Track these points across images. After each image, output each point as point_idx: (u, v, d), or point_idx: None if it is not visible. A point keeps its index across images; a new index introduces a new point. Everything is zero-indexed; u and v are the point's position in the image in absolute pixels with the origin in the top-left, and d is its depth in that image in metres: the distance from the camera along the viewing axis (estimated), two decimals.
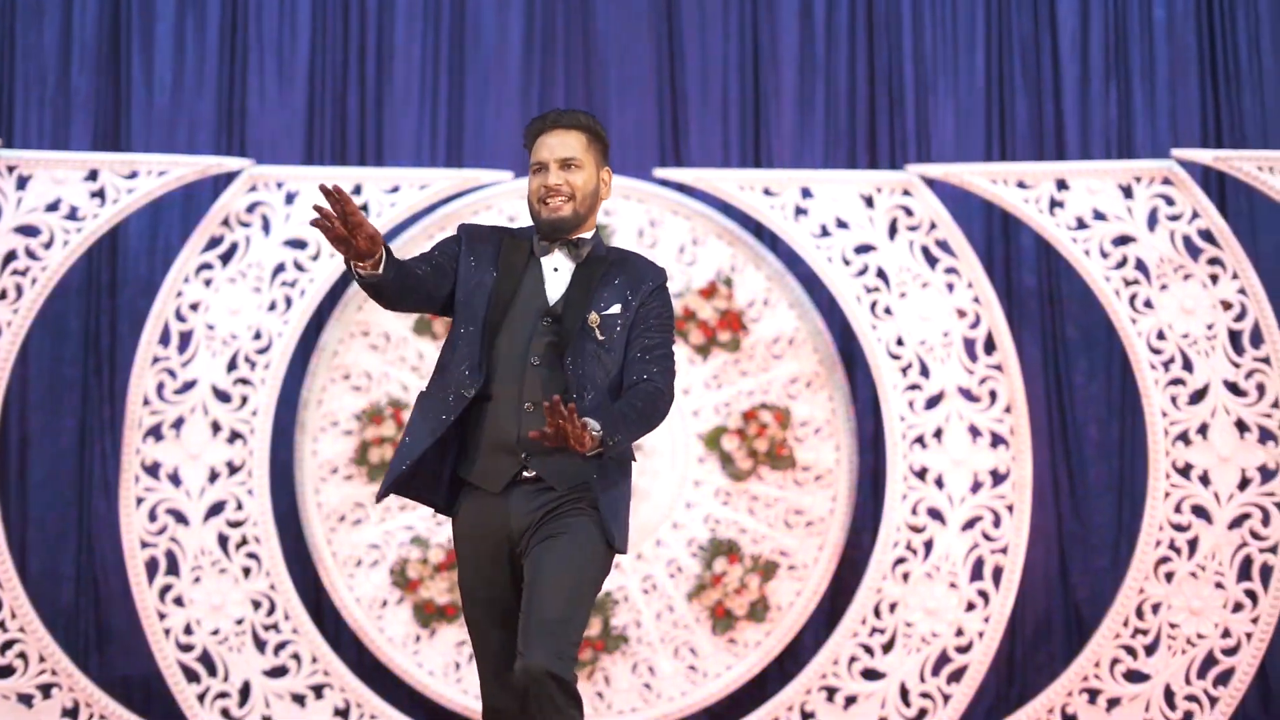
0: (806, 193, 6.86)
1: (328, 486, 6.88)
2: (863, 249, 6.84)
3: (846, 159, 7.34)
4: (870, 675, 6.77)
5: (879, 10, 7.39)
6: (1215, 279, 6.67)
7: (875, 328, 6.79)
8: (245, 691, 6.69)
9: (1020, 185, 6.77)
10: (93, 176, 6.68)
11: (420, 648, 6.85)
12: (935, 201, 6.82)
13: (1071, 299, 7.20)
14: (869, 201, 6.85)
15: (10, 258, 6.62)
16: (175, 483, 6.70)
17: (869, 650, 6.76)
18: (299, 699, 6.71)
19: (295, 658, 6.72)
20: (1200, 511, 6.65)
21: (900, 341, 6.80)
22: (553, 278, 4.00)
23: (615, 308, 3.97)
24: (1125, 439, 7.21)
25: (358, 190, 6.79)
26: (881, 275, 6.82)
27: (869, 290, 6.81)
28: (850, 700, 6.74)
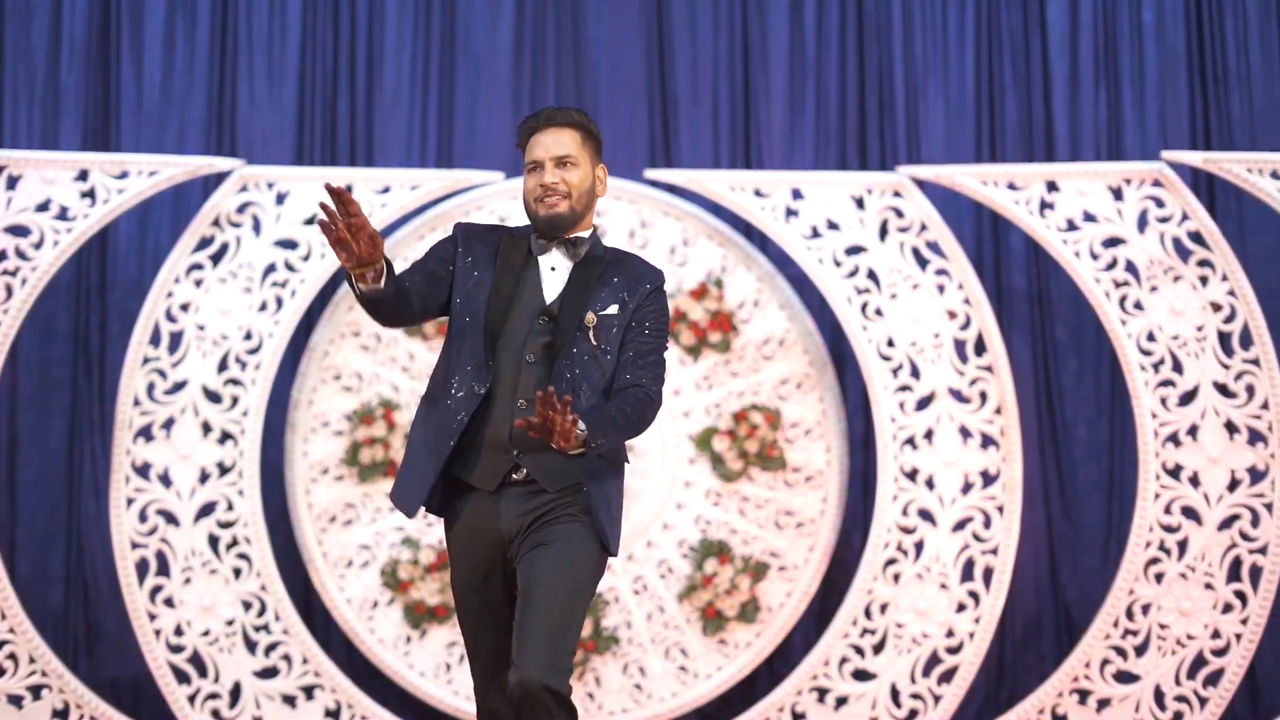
0: (797, 194, 6.86)
1: (318, 487, 6.87)
2: (853, 250, 6.84)
3: (837, 160, 7.35)
4: (861, 676, 6.77)
5: (869, 12, 7.40)
6: (1205, 280, 6.69)
7: (866, 329, 6.79)
8: (236, 692, 6.68)
9: (1011, 187, 6.78)
10: (83, 176, 6.66)
11: (411, 649, 6.84)
12: (925, 203, 6.83)
13: (1061, 300, 7.22)
14: (859, 203, 6.85)
15: (0, 258, 6.61)
16: (165, 483, 6.68)
17: (860, 651, 6.77)
18: (289, 700, 6.69)
19: (286, 659, 6.70)
20: (1190, 513, 6.66)
21: (891, 343, 6.81)
22: (550, 277, 3.99)
23: (612, 308, 3.96)
24: (1115, 440, 7.24)
25: (348, 190, 6.77)
26: (872, 276, 6.82)
27: (859, 291, 6.81)
28: (841, 701, 6.75)
